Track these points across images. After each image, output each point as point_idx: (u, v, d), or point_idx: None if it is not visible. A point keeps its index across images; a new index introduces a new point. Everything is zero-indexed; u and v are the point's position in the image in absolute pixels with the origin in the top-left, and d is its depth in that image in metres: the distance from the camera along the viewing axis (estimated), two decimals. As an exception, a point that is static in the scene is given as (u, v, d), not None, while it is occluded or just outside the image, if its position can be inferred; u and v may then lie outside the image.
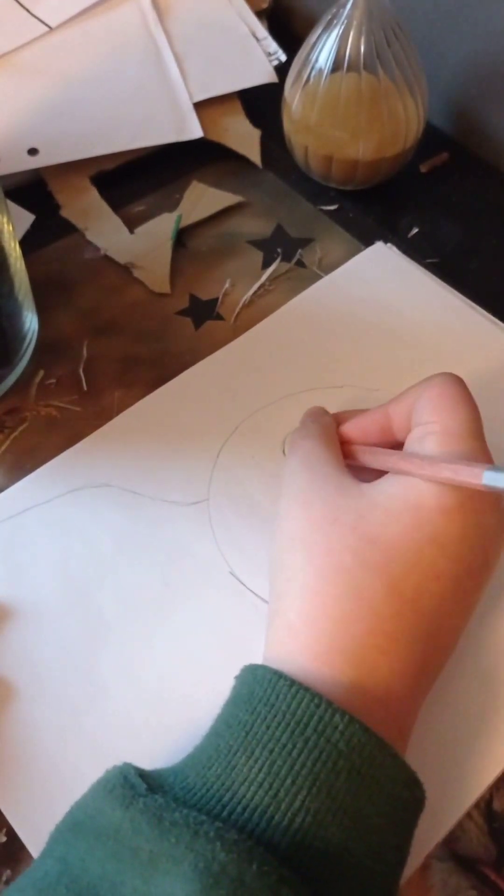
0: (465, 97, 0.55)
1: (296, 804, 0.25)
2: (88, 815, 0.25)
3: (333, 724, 0.26)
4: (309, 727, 0.26)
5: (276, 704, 0.26)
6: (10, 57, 0.55)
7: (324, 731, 0.26)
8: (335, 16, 0.46)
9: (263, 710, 0.26)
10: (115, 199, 0.51)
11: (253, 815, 0.25)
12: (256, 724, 0.26)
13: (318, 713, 0.26)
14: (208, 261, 0.49)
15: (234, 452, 0.40)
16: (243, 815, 0.25)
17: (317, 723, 0.26)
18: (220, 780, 0.25)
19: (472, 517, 0.30)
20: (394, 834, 0.26)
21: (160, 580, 0.37)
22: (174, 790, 0.25)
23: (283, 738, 0.26)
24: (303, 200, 0.52)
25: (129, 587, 0.36)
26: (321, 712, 0.26)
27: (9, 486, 0.39)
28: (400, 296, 0.47)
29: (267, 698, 0.27)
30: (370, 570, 0.29)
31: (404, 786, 0.26)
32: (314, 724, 0.26)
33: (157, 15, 0.58)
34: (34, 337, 0.45)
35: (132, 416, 0.42)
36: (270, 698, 0.27)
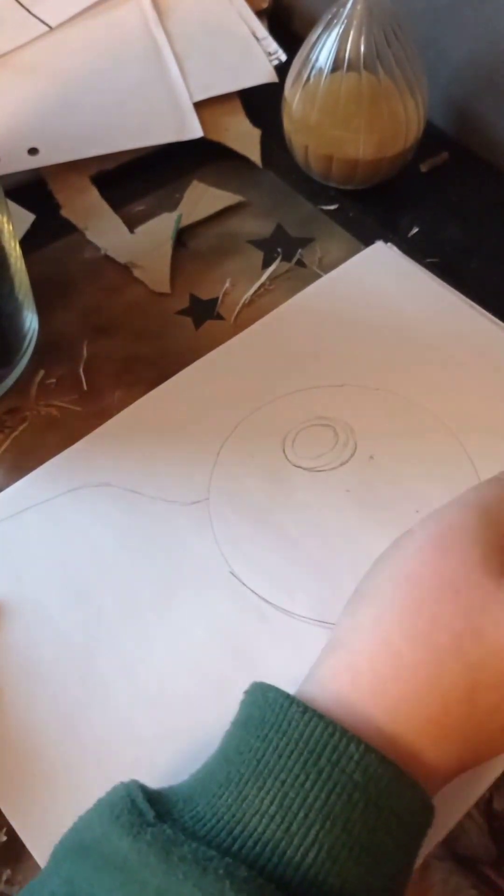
0: (466, 97, 0.55)
1: (309, 839, 0.24)
2: (95, 840, 0.24)
3: (349, 753, 0.24)
4: (323, 757, 0.25)
5: (288, 731, 0.25)
6: (10, 57, 0.55)
7: (338, 761, 0.24)
8: (335, 15, 0.46)
9: (275, 738, 0.25)
10: (116, 198, 0.51)
11: (265, 850, 0.24)
12: (268, 753, 0.25)
13: (332, 742, 0.25)
14: (208, 260, 0.49)
15: (234, 451, 0.40)
16: (254, 850, 0.24)
17: (331, 752, 0.25)
18: (231, 811, 0.24)
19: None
20: (405, 859, 0.25)
21: (160, 580, 0.37)
22: (183, 818, 0.25)
23: (296, 769, 0.25)
24: (303, 200, 0.52)
25: (129, 587, 0.36)
26: (335, 741, 0.25)
27: (8, 486, 0.39)
28: (400, 295, 0.47)
29: (279, 724, 0.26)
30: (461, 664, 0.26)
31: (420, 813, 0.25)
32: (328, 753, 0.25)
33: (157, 14, 0.58)
34: (34, 336, 0.45)
35: (131, 415, 0.42)
36: (283, 725, 0.26)
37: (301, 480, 0.39)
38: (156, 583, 0.37)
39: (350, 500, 0.39)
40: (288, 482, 0.39)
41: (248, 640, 0.35)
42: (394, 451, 0.40)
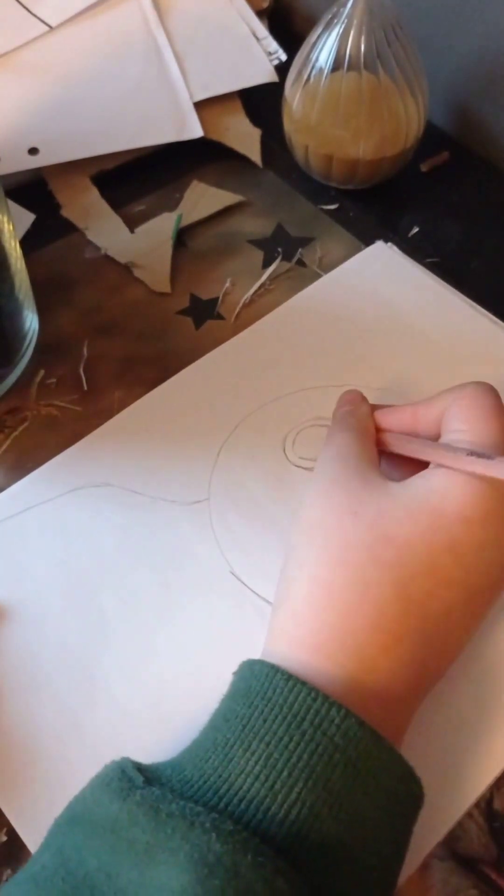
0: (466, 96, 0.55)
1: (292, 796, 0.25)
2: (86, 808, 0.25)
3: (330, 717, 0.26)
4: (305, 721, 0.26)
5: (273, 698, 0.27)
6: (10, 56, 0.55)
7: (320, 724, 0.26)
8: (335, 15, 0.46)
9: (261, 704, 0.27)
10: (116, 198, 0.51)
11: (249, 807, 0.25)
12: (254, 718, 0.26)
13: (314, 707, 0.26)
14: (209, 260, 0.49)
15: (235, 451, 0.40)
16: (240, 807, 0.25)
17: (313, 716, 0.26)
18: (217, 772, 0.26)
19: (492, 531, 0.30)
20: (389, 828, 0.26)
21: (160, 580, 0.37)
22: (171, 783, 0.26)
23: (280, 732, 0.26)
24: (303, 200, 0.52)
25: (130, 587, 0.36)
26: (318, 706, 0.26)
27: (9, 486, 0.39)
28: (400, 295, 0.47)
29: (264, 692, 0.27)
30: (381, 568, 0.29)
31: (399, 780, 0.26)
32: (311, 717, 0.26)
33: (157, 14, 0.58)
34: (34, 336, 0.45)
35: (132, 415, 0.42)
36: (268, 692, 0.27)
37: (302, 480, 0.39)
38: (156, 582, 0.37)
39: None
40: (288, 482, 0.39)
41: (248, 640, 0.35)
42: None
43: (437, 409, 0.34)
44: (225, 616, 0.36)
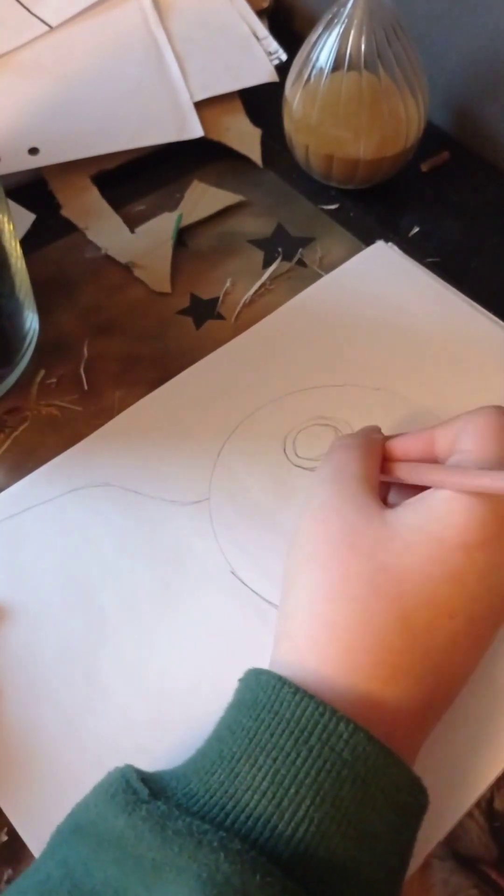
0: (466, 96, 0.55)
1: (299, 814, 0.24)
2: (90, 820, 0.25)
3: (338, 732, 0.25)
4: (313, 736, 0.25)
5: (280, 712, 0.26)
6: (10, 56, 0.55)
7: (328, 739, 0.25)
8: (336, 15, 0.46)
9: (267, 718, 0.26)
10: (116, 198, 0.51)
11: (256, 825, 0.24)
12: (260, 732, 0.26)
13: (322, 721, 0.26)
14: (209, 260, 0.49)
15: (235, 451, 0.40)
16: (247, 824, 0.24)
17: (321, 731, 0.25)
18: (224, 787, 0.25)
19: (494, 557, 0.29)
20: (397, 840, 0.26)
21: (161, 580, 0.37)
22: (177, 796, 0.25)
23: (287, 747, 0.25)
24: (303, 200, 0.52)
25: (130, 586, 0.36)
26: (325, 721, 0.26)
27: (9, 486, 0.39)
28: (401, 295, 0.47)
29: (271, 705, 0.26)
30: (382, 600, 0.28)
31: (408, 792, 0.26)
32: (318, 732, 0.25)
33: (157, 14, 0.58)
34: (35, 336, 0.45)
35: (132, 416, 0.42)
36: (275, 705, 0.26)
37: (302, 480, 0.39)
38: (156, 582, 0.37)
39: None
40: (289, 482, 0.39)
41: (248, 640, 0.35)
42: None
43: (453, 429, 0.33)
44: (225, 616, 0.36)
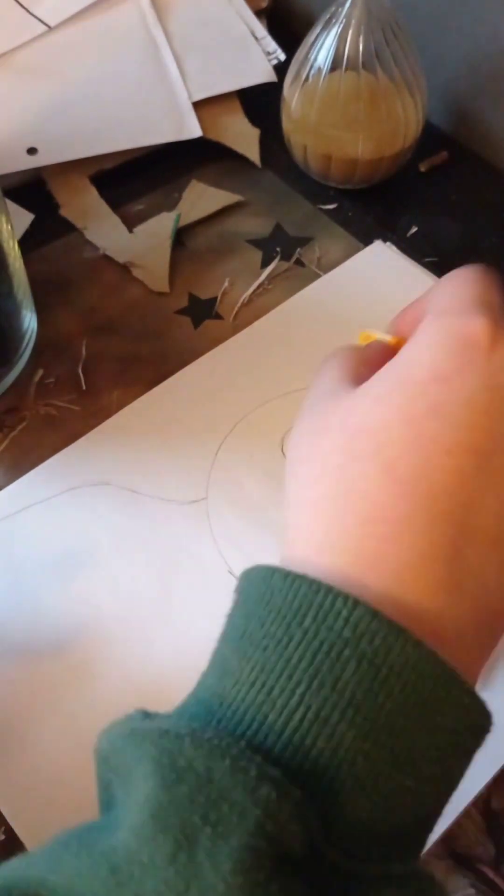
0: (464, 96, 0.55)
1: (293, 700, 0.21)
2: (93, 754, 0.23)
3: (336, 610, 0.22)
4: (308, 617, 0.22)
5: (271, 601, 0.23)
6: (9, 56, 0.55)
7: (324, 619, 0.22)
8: (334, 15, 0.46)
9: (258, 610, 0.23)
10: (115, 198, 0.51)
11: (244, 717, 0.21)
12: (251, 626, 0.23)
13: (316, 600, 0.22)
14: (207, 260, 0.49)
15: (233, 450, 0.40)
16: (233, 719, 0.22)
17: (316, 611, 0.22)
18: (212, 689, 0.23)
19: (477, 380, 0.25)
20: (431, 744, 0.22)
21: (158, 578, 0.37)
22: (169, 714, 0.23)
23: (279, 633, 0.22)
24: (302, 199, 0.52)
25: (128, 586, 0.36)
26: (320, 599, 0.22)
27: (8, 485, 0.39)
28: (399, 294, 0.46)
29: (261, 596, 0.23)
30: (361, 461, 0.25)
31: (437, 683, 0.22)
32: (313, 612, 0.22)
33: (156, 14, 0.58)
34: (33, 336, 0.45)
35: (130, 415, 0.42)
36: (265, 595, 0.23)
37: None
38: (154, 582, 0.37)
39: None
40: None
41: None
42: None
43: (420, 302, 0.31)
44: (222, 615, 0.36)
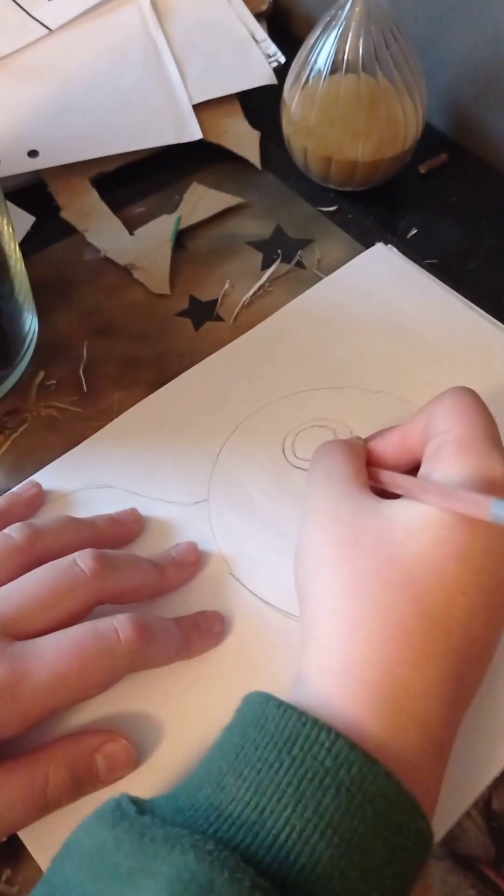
0: (464, 98, 0.55)
1: (280, 821, 0.24)
2: (77, 839, 0.25)
3: (320, 741, 0.25)
4: (296, 746, 0.26)
5: (265, 726, 0.26)
6: (10, 59, 0.55)
7: (310, 748, 0.25)
8: (334, 17, 0.46)
9: (253, 733, 0.26)
10: (115, 200, 0.51)
11: (238, 832, 0.24)
12: (246, 746, 0.26)
13: (304, 731, 0.26)
14: (208, 262, 0.49)
15: (235, 453, 0.41)
16: (228, 832, 0.24)
17: (303, 741, 0.26)
18: (209, 800, 0.25)
19: (495, 528, 0.29)
20: (392, 861, 0.25)
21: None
22: (163, 812, 0.25)
23: (271, 758, 0.26)
24: (302, 202, 0.52)
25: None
26: (307, 730, 0.26)
27: (9, 488, 0.39)
28: (399, 297, 0.47)
29: (257, 721, 0.27)
30: (395, 590, 0.29)
31: (400, 809, 0.25)
32: (301, 742, 0.26)
33: (156, 17, 0.58)
34: (34, 338, 0.45)
35: (132, 418, 0.42)
36: (260, 720, 0.27)
37: (301, 482, 0.39)
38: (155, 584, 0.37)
39: (349, 500, 0.39)
40: (288, 483, 0.39)
41: (247, 642, 0.35)
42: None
43: (421, 420, 0.34)
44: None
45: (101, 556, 0.33)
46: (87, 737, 0.31)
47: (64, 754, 0.30)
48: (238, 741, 0.27)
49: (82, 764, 0.30)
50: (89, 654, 0.30)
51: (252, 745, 0.26)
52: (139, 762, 0.32)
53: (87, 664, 0.30)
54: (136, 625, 0.31)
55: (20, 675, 0.29)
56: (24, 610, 0.31)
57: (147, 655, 0.32)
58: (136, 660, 0.31)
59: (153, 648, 0.32)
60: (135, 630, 0.31)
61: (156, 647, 0.32)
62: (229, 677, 0.34)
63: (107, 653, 0.30)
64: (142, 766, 0.32)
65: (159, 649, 0.32)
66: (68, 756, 0.30)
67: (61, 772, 0.30)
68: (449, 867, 0.31)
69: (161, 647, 0.32)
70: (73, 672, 0.30)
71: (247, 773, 0.25)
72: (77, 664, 0.30)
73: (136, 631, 0.31)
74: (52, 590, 0.31)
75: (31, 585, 0.32)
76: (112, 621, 0.31)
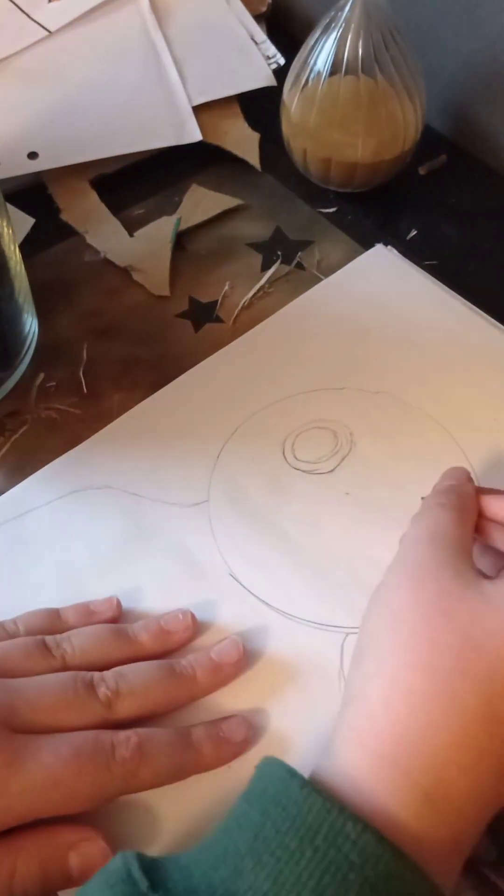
0: (463, 99, 0.55)
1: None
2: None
3: (345, 832, 0.24)
4: (319, 835, 0.24)
5: (287, 807, 0.25)
6: (10, 61, 0.55)
7: (335, 839, 0.24)
8: (333, 19, 0.47)
9: (274, 812, 0.25)
10: (115, 202, 0.51)
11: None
12: (267, 828, 0.25)
13: (328, 819, 0.24)
14: (208, 263, 0.49)
15: (235, 454, 0.41)
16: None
17: (328, 830, 0.24)
18: (225, 885, 0.24)
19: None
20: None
21: (160, 581, 0.37)
22: (177, 888, 0.24)
23: (292, 846, 0.24)
24: (302, 203, 0.52)
25: (130, 589, 0.36)
26: (332, 818, 0.24)
27: (9, 489, 0.39)
28: (399, 298, 0.47)
29: (279, 799, 0.25)
30: (470, 680, 0.27)
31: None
32: (325, 831, 0.24)
33: (156, 19, 0.58)
34: (34, 340, 0.45)
35: (132, 419, 0.42)
36: (282, 800, 0.25)
37: (301, 483, 0.40)
38: (156, 585, 0.37)
39: (349, 502, 0.39)
40: (288, 484, 0.39)
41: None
42: (393, 454, 0.40)
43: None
44: (224, 618, 0.36)
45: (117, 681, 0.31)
46: (62, 830, 0.29)
47: (36, 846, 0.28)
48: (258, 819, 0.25)
49: (54, 859, 0.28)
50: (85, 764, 0.28)
51: (273, 828, 0.24)
52: None
53: (82, 775, 0.28)
54: (132, 744, 0.29)
55: (13, 771, 0.27)
56: (33, 707, 0.29)
57: (143, 778, 0.29)
58: (130, 781, 0.29)
59: (150, 769, 0.29)
60: (130, 750, 0.29)
61: (154, 767, 0.30)
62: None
63: (102, 768, 0.28)
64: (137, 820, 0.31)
65: (158, 770, 0.30)
66: (41, 848, 0.28)
67: (30, 865, 0.28)
68: (450, 868, 0.31)
69: (161, 767, 0.30)
70: (67, 779, 0.28)
71: (266, 859, 0.24)
72: (71, 772, 0.28)
73: (132, 751, 0.29)
74: (66, 700, 0.30)
75: (48, 687, 0.30)
76: (113, 737, 0.29)
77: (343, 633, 0.35)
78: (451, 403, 0.42)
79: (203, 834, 0.26)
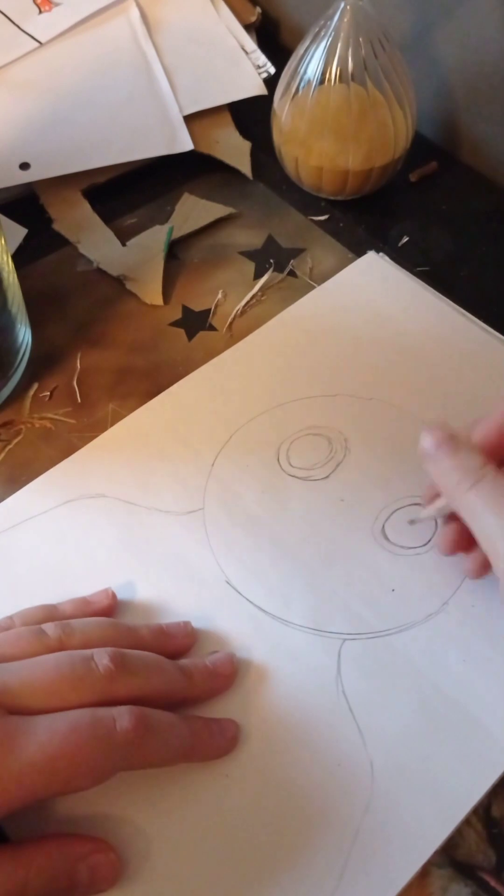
0: (453, 106, 0.55)
1: None
2: None
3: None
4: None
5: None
6: (1, 73, 0.55)
7: None
8: (323, 28, 0.47)
9: None
10: (107, 211, 0.52)
11: None
12: None
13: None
14: (200, 272, 0.49)
15: (229, 462, 0.41)
16: None
17: None
18: None
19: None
20: None
21: (156, 590, 0.37)
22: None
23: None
24: (294, 211, 0.52)
25: (126, 598, 0.36)
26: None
27: (4, 499, 0.39)
28: (391, 305, 0.47)
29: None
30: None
31: None
32: None
33: (146, 29, 0.58)
34: (28, 350, 0.45)
35: (126, 427, 0.42)
36: None
37: (296, 490, 0.40)
38: (152, 592, 0.37)
39: (344, 508, 0.39)
40: (283, 491, 0.40)
41: (243, 649, 0.35)
42: (387, 460, 0.40)
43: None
44: (221, 625, 0.36)
45: (117, 655, 0.30)
46: (74, 843, 0.29)
47: (48, 859, 0.28)
48: None
49: (64, 872, 0.28)
50: (84, 739, 0.28)
51: None
52: (125, 870, 0.30)
53: (81, 750, 0.27)
54: (134, 716, 0.29)
55: (8, 750, 0.27)
56: (28, 687, 0.29)
57: (145, 751, 0.29)
58: (132, 754, 0.29)
59: (152, 744, 0.29)
60: (132, 721, 0.28)
61: (155, 742, 0.29)
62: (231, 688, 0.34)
63: (102, 741, 0.28)
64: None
65: (159, 746, 0.30)
66: (53, 861, 0.28)
67: (41, 877, 0.27)
68: (449, 875, 0.31)
69: (162, 743, 0.30)
70: (65, 755, 0.27)
71: None
72: (70, 748, 0.27)
73: (134, 722, 0.28)
74: (62, 677, 0.29)
75: (43, 666, 0.30)
76: (112, 710, 0.29)
77: (340, 638, 0.35)
78: (443, 409, 0.42)
79: (203, 844, 0.26)
